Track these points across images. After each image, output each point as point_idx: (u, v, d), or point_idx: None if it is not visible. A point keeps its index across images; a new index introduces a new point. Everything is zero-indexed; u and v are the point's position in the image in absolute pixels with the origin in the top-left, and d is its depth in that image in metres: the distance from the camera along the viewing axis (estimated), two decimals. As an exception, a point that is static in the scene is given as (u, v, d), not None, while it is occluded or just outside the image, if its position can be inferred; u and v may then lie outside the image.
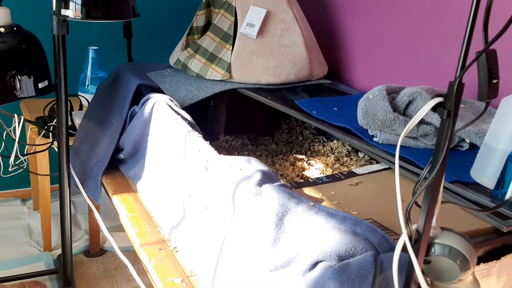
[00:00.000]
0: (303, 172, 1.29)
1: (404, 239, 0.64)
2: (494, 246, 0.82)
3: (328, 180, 0.99)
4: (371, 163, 1.23)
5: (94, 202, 1.46)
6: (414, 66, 1.46)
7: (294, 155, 1.52)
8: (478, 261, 0.71)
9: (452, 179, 0.92)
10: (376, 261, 0.66)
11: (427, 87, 1.09)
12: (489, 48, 0.56)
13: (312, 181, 0.99)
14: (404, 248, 0.65)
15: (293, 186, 0.98)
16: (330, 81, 1.61)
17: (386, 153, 1.03)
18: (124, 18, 1.32)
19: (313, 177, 1.04)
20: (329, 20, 1.77)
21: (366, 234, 0.70)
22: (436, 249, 0.64)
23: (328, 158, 1.42)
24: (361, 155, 1.34)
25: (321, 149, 1.52)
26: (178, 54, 1.59)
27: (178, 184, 1.15)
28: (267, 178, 0.87)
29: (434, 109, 0.57)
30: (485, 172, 0.90)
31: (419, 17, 1.42)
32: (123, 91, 1.53)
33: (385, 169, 1.05)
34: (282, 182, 0.84)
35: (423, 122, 1.04)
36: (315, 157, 1.47)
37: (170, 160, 1.20)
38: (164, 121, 1.26)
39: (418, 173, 0.95)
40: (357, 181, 0.99)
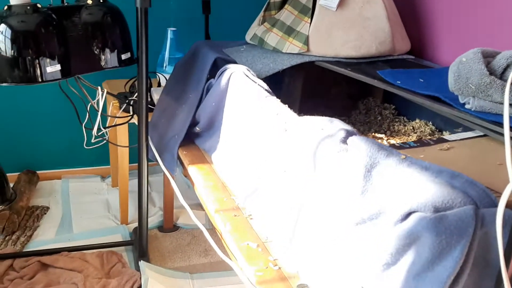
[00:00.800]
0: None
1: (510, 191, 0.57)
2: None
3: (416, 145, 0.93)
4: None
5: (170, 173, 1.49)
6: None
7: (373, 134, 1.46)
8: None
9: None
10: (476, 215, 0.60)
11: (528, 51, 0.99)
12: None
13: (398, 145, 0.93)
14: (508, 204, 0.58)
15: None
16: (413, 57, 1.53)
17: (480, 120, 0.95)
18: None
19: (399, 143, 0.98)
20: (412, -5, 1.69)
21: (465, 187, 0.64)
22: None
23: (410, 137, 1.35)
24: (446, 134, 1.26)
25: (402, 128, 1.45)
26: (255, 29, 1.58)
27: (254, 151, 1.13)
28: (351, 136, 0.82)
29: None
30: None
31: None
32: (200, 66, 1.54)
33: (478, 136, 0.97)
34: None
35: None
36: (395, 137, 1.40)
37: (246, 127, 1.18)
38: (240, 89, 1.25)
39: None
40: (448, 146, 0.92)
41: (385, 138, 1.39)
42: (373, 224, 0.67)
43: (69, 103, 1.55)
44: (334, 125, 0.87)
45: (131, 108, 1.67)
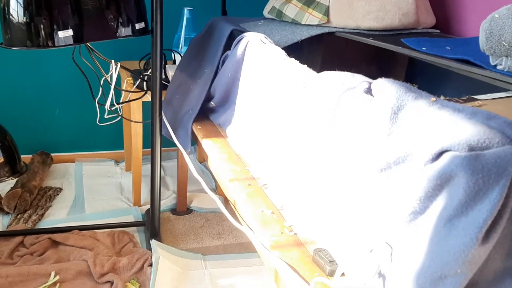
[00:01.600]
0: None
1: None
2: None
3: (443, 103, 0.86)
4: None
5: (184, 149, 1.44)
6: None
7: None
8: None
9: None
10: (517, 154, 0.54)
11: None
12: None
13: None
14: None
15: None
16: (438, 31, 1.46)
17: (514, 79, 0.88)
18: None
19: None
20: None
21: (503, 128, 0.57)
22: None
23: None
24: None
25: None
26: (273, 2, 1.53)
27: (271, 115, 1.08)
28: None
29: None
30: None
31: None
32: (216, 39, 1.50)
33: (510, 96, 0.90)
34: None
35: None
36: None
37: (263, 93, 1.13)
38: (257, 56, 1.20)
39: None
40: (480, 103, 0.86)
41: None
42: (399, 169, 0.61)
43: (82, 79, 1.52)
44: (356, 79, 0.81)
45: (145, 84, 1.63)
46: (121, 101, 1.62)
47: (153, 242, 1.56)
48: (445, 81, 1.45)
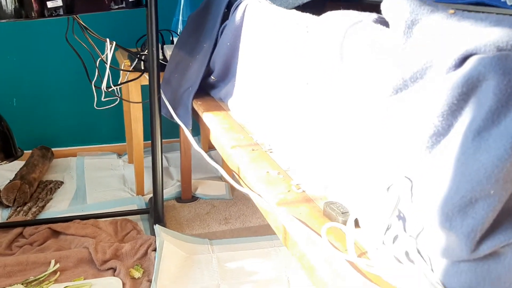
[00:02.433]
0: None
1: None
2: None
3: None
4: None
5: (185, 126, 1.38)
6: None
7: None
8: None
9: None
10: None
11: None
12: None
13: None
14: None
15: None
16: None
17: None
18: None
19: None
20: None
21: (534, 30, 0.50)
22: None
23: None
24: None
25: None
26: (272, -29, 1.46)
27: (274, 76, 1.01)
28: (384, 21, 0.70)
29: None
30: None
31: None
32: (214, 12, 1.44)
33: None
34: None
35: None
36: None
37: (265, 54, 1.07)
38: (257, 17, 1.13)
39: None
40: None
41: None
42: (416, 87, 0.54)
43: (78, 66, 1.47)
44: (362, 15, 0.74)
45: (142, 64, 1.57)
46: (119, 82, 1.56)
47: (157, 227, 1.49)
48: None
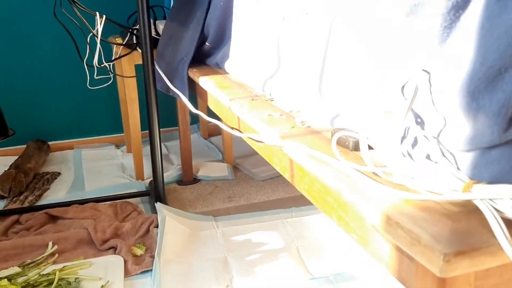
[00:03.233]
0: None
1: None
2: None
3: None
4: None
5: (181, 93, 1.32)
6: None
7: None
8: None
9: None
10: None
11: None
12: None
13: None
14: None
15: None
16: None
17: None
18: None
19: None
20: None
21: None
22: None
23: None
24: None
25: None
26: None
27: (269, 20, 0.96)
28: None
29: None
30: None
31: None
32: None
33: None
34: None
35: None
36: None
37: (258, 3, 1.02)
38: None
39: None
40: None
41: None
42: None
43: (68, 45, 1.42)
44: None
45: (134, 39, 1.52)
46: (112, 58, 1.51)
47: (158, 204, 1.43)
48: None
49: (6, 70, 2.01)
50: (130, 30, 1.51)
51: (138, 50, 1.49)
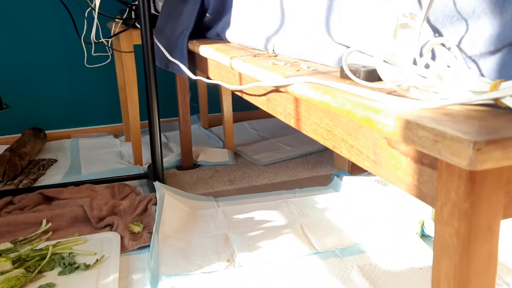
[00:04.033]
0: None
1: None
2: None
3: None
4: None
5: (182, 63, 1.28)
6: None
7: None
8: None
9: None
10: None
11: None
12: None
13: None
14: None
15: None
16: None
17: None
18: None
19: None
20: None
21: None
22: None
23: None
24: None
25: None
26: None
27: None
28: None
29: None
30: None
31: None
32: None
33: None
34: None
35: None
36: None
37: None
38: None
39: None
40: None
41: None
42: None
43: (65, 26, 1.39)
44: None
45: (133, 14, 1.49)
46: (111, 35, 1.47)
47: (157, 183, 1.38)
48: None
49: (3, 57, 1.97)
50: (129, 5, 1.47)
51: (137, 26, 1.45)
